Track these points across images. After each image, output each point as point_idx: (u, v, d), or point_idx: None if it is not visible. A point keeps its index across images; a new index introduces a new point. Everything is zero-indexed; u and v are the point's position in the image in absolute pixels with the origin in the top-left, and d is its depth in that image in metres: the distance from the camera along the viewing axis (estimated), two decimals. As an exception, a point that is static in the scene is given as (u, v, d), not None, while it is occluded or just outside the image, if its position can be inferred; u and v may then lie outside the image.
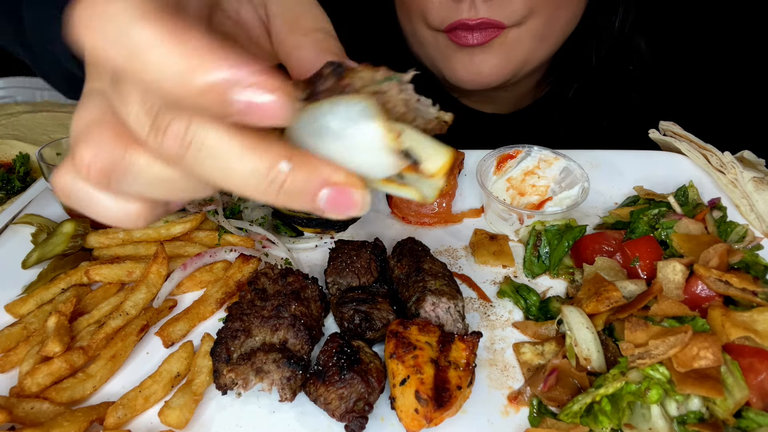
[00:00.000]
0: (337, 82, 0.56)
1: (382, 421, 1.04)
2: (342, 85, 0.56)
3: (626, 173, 1.68)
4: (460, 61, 1.68)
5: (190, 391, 1.05)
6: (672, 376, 0.99)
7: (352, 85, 0.56)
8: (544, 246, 1.38)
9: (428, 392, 0.97)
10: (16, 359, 1.13)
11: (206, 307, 1.25)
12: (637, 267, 1.25)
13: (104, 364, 1.10)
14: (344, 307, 1.17)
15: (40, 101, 2.11)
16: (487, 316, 1.27)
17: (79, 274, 1.28)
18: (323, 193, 0.54)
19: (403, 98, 0.57)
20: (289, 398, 1.02)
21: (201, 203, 1.48)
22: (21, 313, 1.22)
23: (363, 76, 0.57)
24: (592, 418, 0.99)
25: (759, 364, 0.98)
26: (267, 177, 0.52)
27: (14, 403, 1.01)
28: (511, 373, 1.14)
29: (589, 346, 1.08)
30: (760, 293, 1.12)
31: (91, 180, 0.57)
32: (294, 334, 1.08)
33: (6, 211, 1.49)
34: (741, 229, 1.39)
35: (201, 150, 0.52)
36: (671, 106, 1.93)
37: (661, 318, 1.08)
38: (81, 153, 0.56)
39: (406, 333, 1.06)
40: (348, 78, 0.56)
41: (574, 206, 1.43)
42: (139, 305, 1.21)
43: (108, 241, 1.37)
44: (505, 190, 1.55)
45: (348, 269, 1.26)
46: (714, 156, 1.60)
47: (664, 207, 1.41)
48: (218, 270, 1.34)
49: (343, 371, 1.01)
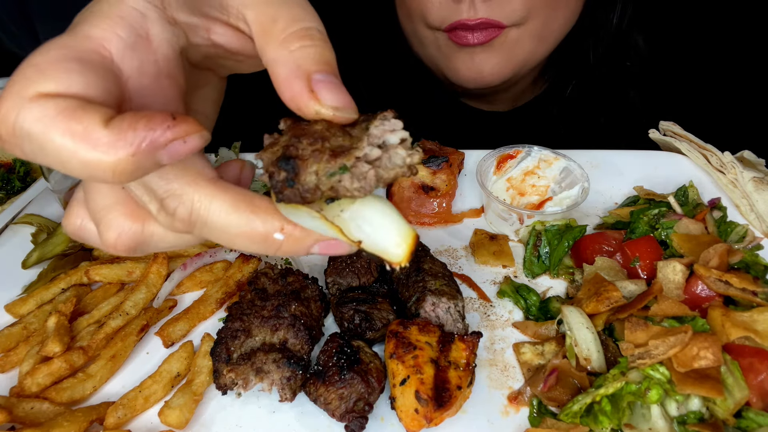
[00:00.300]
0: (296, 177, 0.60)
1: (382, 421, 1.04)
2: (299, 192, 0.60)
3: (626, 173, 1.68)
4: (461, 61, 1.68)
5: (190, 391, 1.05)
6: (672, 376, 0.99)
7: (307, 183, 0.60)
8: (544, 246, 1.38)
9: (428, 392, 0.97)
10: (16, 359, 1.13)
11: (206, 307, 1.25)
12: (637, 267, 1.25)
13: (104, 364, 1.10)
14: (344, 307, 1.17)
15: (40, 101, 2.11)
16: (487, 316, 1.27)
17: (79, 274, 1.28)
18: (315, 247, 0.63)
19: (357, 186, 0.61)
20: (289, 398, 1.02)
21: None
22: (21, 313, 1.22)
23: (316, 170, 0.60)
24: (592, 418, 0.99)
25: (759, 364, 0.98)
26: (265, 243, 0.62)
27: (14, 403, 1.01)
28: (511, 373, 1.14)
29: (589, 346, 1.08)
30: (760, 293, 1.12)
31: (121, 254, 0.65)
32: (294, 334, 1.08)
33: (6, 211, 1.49)
34: (741, 229, 1.39)
35: (205, 226, 0.61)
36: (671, 106, 1.93)
37: (661, 318, 1.08)
38: (106, 236, 0.63)
39: (406, 333, 1.06)
40: (303, 174, 0.60)
41: (574, 206, 1.43)
42: (139, 305, 1.21)
43: (108, 241, 1.37)
44: (505, 190, 1.55)
45: (348, 269, 1.26)
46: (714, 156, 1.60)
47: (664, 207, 1.41)
48: (218, 270, 1.34)
49: (343, 371, 1.01)
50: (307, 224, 0.62)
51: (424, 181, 1.53)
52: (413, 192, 1.53)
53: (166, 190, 0.60)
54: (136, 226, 0.63)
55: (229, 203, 0.60)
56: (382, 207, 0.65)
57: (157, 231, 0.64)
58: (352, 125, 0.63)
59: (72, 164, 0.53)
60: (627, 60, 1.89)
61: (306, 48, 0.62)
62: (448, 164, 1.52)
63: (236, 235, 0.61)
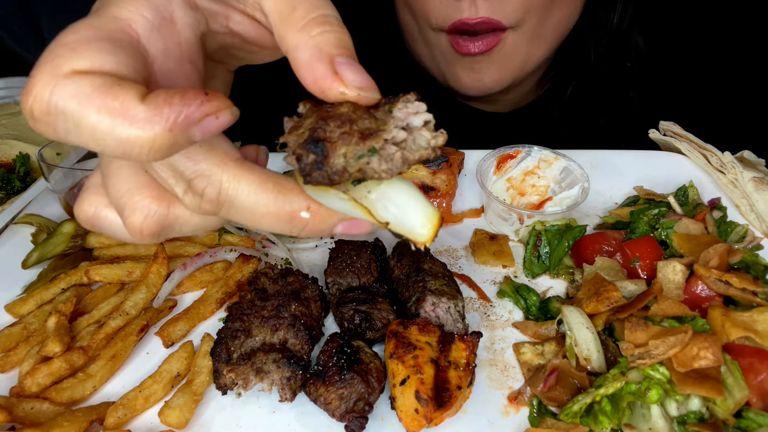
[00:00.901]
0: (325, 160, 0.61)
1: (382, 421, 1.04)
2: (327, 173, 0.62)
3: (626, 173, 1.68)
4: (462, 69, 1.70)
5: (190, 391, 1.05)
6: (672, 376, 0.99)
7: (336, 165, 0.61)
8: (544, 246, 1.38)
9: (428, 392, 0.97)
10: (16, 359, 1.13)
11: (206, 307, 1.25)
12: (637, 267, 1.25)
13: (104, 364, 1.10)
14: (344, 307, 1.17)
15: (40, 101, 2.11)
16: (487, 316, 1.27)
17: (79, 274, 1.28)
18: (339, 227, 0.66)
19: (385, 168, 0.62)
20: (289, 398, 1.02)
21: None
22: (21, 313, 1.22)
23: (345, 152, 0.61)
24: (592, 418, 0.99)
25: (759, 364, 0.98)
26: (291, 223, 0.63)
27: (14, 403, 1.01)
28: (511, 373, 1.14)
29: (589, 346, 1.08)
30: (760, 293, 1.12)
31: (145, 240, 0.64)
32: (294, 334, 1.08)
33: (6, 211, 1.49)
34: (741, 229, 1.39)
35: (232, 206, 0.62)
36: (671, 106, 1.93)
37: (661, 318, 1.08)
38: (131, 219, 0.63)
39: (406, 333, 1.06)
40: (331, 156, 0.61)
41: (574, 206, 1.43)
42: (139, 305, 1.21)
43: (108, 241, 1.37)
44: (505, 190, 1.55)
45: (348, 269, 1.26)
46: (714, 156, 1.60)
47: (664, 207, 1.41)
48: (218, 270, 1.34)
49: (343, 371, 1.01)
50: (333, 205, 0.64)
51: (424, 181, 1.52)
52: (413, 192, 1.53)
53: (194, 171, 0.60)
54: (162, 209, 0.63)
55: (256, 183, 0.61)
56: (407, 188, 0.67)
57: (182, 214, 0.64)
58: (374, 107, 0.64)
59: (107, 142, 0.52)
60: (627, 60, 1.89)
61: (326, 33, 0.63)
62: (448, 164, 1.52)
63: (263, 215, 0.62)
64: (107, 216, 0.67)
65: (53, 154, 1.53)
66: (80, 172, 1.47)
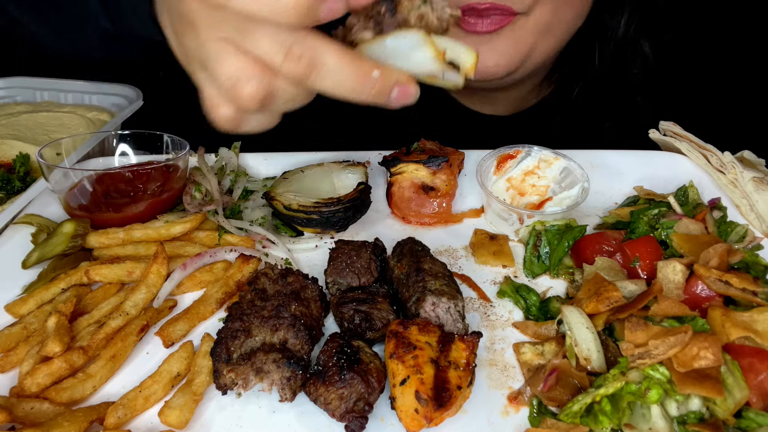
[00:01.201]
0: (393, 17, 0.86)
1: (382, 421, 1.04)
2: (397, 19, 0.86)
3: (626, 173, 1.68)
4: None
5: (190, 391, 1.05)
6: (672, 376, 0.99)
7: (402, 16, 0.86)
8: (544, 246, 1.38)
9: (428, 392, 0.97)
10: (16, 359, 1.13)
11: (206, 307, 1.25)
12: (637, 267, 1.25)
13: (104, 364, 1.10)
14: (344, 307, 1.17)
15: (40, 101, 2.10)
16: (487, 316, 1.27)
17: (79, 274, 1.28)
18: (394, 92, 0.83)
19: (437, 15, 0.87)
20: (289, 398, 1.02)
21: (201, 203, 1.49)
22: (21, 313, 1.22)
23: (407, 5, 0.86)
24: (592, 418, 0.99)
25: (759, 364, 0.98)
26: (365, 84, 0.81)
27: (14, 403, 1.01)
28: (511, 373, 1.14)
29: (589, 346, 1.08)
30: (760, 293, 1.12)
31: (253, 107, 0.84)
32: (294, 334, 1.08)
33: (6, 211, 1.49)
34: (741, 229, 1.39)
35: (322, 70, 0.79)
36: (671, 106, 1.93)
37: (661, 318, 1.08)
38: (244, 89, 0.82)
39: (406, 333, 1.06)
40: (398, 12, 0.85)
41: (574, 206, 1.44)
42: (139, 305, 1.21)
43: (108, 241, 1.37)
44: (505, 190, 1.55)
45: (348, 269, 1.26)
46: (714, 156, 1.60)
47: (664, 207, 1.41)
48: (218, 270, 1.34)
49: (343, 371, 1.01)
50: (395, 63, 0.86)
51: (424, 181, 1.53)
52: (413, 192, 1.53)
53: (294, 39, 0.78)
54: (267, 78, 0.81)
55: (339, 51, 0.80)
56: (447, 38, 0.90)
57: (281, 84, 0.83)
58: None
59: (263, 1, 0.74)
60: (634, 67, 1.87)
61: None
62: (448, 164, 1.52)
63: (346, 76, 0.80)
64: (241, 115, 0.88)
65: (53, 154, 1.53)
66: (80, 172, 1.47)
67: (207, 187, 1.52)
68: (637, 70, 1.89)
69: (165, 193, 1.48)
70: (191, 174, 1.57)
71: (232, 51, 0.81)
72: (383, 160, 1.57)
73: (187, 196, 1.50)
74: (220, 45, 0.82)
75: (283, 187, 1.49)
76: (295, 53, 0.78)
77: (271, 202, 1.46)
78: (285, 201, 1.43)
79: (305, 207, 1.42)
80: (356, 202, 1.44)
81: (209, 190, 1.52)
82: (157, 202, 1.47)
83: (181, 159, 1.52)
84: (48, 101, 2.12)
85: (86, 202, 1.46)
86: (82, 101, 2.10)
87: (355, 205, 1.44)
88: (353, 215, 1.46)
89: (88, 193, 1.47)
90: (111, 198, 1.46)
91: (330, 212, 1.41)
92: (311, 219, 1.42)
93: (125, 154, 1.64)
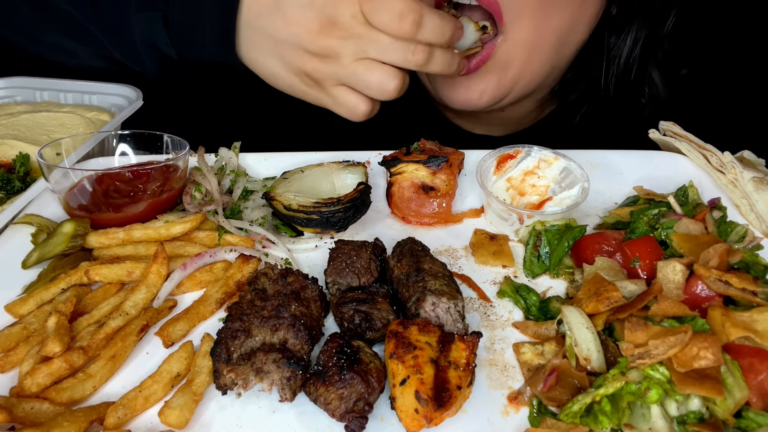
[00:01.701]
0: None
1: (382, 421, 1.04)
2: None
3: (626, 173, 1.68)
4: (453, 84, 1.69)
5: (190, 391, 1.05)
6: (672, 376, 0.99)
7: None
8: (544, 246, 1.38)
9: (428, 392, 0.97)
10: (16, 359, 1.13)
11: (206, 307, 1.25)
12: (637, 267, 1.25)
13: (104, 364, 1.10)
14: (344, 307, 1.17)
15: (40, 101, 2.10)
16: (487, 316, 1.27)
17: (79, 274, 1.28)
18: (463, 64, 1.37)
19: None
20: (289, 398, 1.02)
21: (201, 203, 1.49)
22: (21, 313, 1.22)
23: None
24: (592, 418, 0.99)
25: (759, 364, 0.98)
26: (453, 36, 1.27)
27: (14, 403, 1.01)
28: (511, 373, 1.14)
29: (589, 346, 1.08)
30: (760, 293, 1.12)
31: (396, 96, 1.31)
32: (294, 334, 1.08)
33: (6, 211, 1.49)
34: (741, 229, 1.39)
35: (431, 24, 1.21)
36: (671, 106, 1.92)
37: (661, 318, 1.08)
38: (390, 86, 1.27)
39: (406, 333, 1.06)
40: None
41: (574, 206, 1.44)
42: (139, 305, 1.21)
43: (108, 241, 1.37)
44: (505, 190, 1.55)
45: (348, 269, 1.26)
46: (714, 156, 1.60)
47: (664, 207, 1.41)
48: (218, 270, 1.34)
49: (343, 371, 1.01)
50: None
51: (424, 181, 1.53)
52: (413, 192, 1.53)
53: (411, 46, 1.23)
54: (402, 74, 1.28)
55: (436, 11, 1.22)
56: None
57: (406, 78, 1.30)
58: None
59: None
60: (641, 96, 1.85)
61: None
62: (448, 164, 1.52)
63: (443, 30, 1.23)
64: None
65: (53, 154, 1.53)
66: (80, 172, 1.47)
67: (207, 187, 1.52)
68: (645, 100, 1.86)
69: (165, 193, 1.48)
70: (191, 174, 1.57)
71: (375, 63, 1.23)
72: (383, 160, 1.57)
73: (187, 196, 1.50)
74: (366, 62, 1.23)
75: (283, 187, 1.49)
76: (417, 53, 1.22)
77: (271, 202, 1.46)
78: (285, 201, 1.44)
79: (305, 207, 1.42)
80: (356, 202, 1.44)
81: (209, 190, 1.52)
82: (157, 202, 1.47)
83: (181, 159, 1.52)
84: (48, 101, 2.12)
85: (86, 202, 1.46)
86: (82, 101, 2.10)
87: (355, 205, 1.45)
88: (353, 215, 1.46)
89: (88, 193, 1.47)
90: (111, 198, 1.47)
91: (330, 212, 1.41)
92: (311, 219, 1.42)
93: (125, 154, 1.64)
